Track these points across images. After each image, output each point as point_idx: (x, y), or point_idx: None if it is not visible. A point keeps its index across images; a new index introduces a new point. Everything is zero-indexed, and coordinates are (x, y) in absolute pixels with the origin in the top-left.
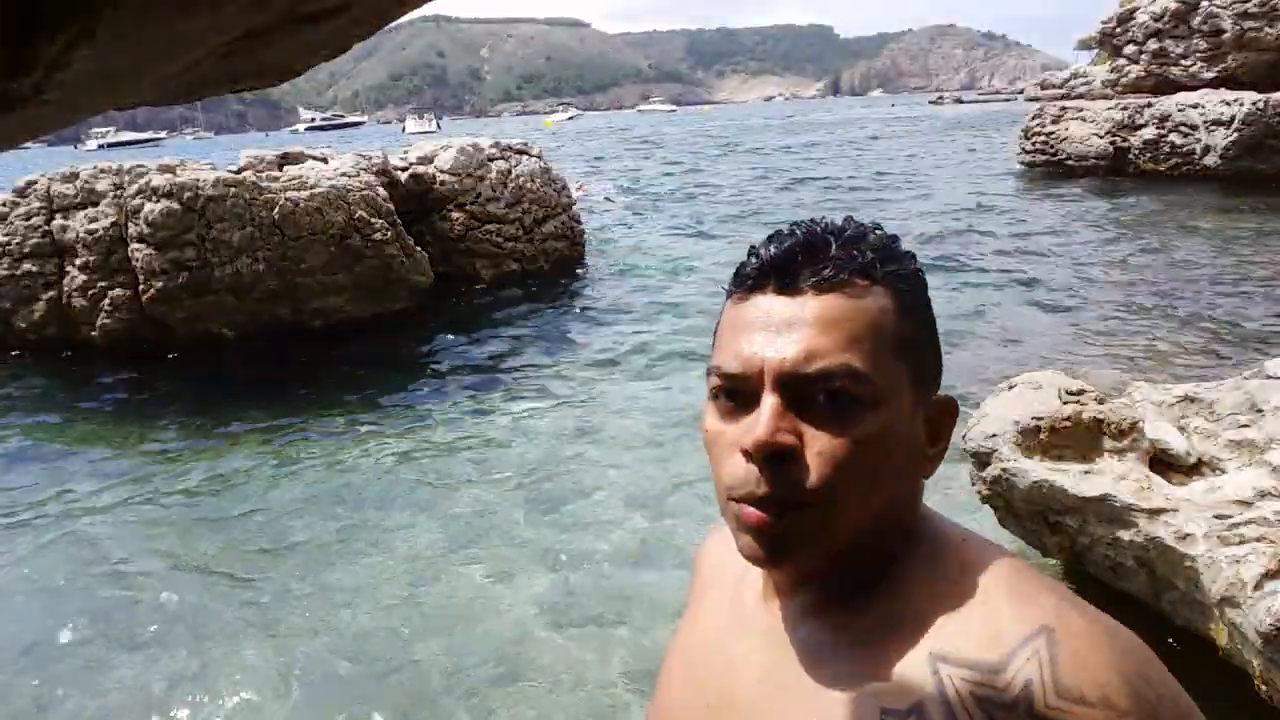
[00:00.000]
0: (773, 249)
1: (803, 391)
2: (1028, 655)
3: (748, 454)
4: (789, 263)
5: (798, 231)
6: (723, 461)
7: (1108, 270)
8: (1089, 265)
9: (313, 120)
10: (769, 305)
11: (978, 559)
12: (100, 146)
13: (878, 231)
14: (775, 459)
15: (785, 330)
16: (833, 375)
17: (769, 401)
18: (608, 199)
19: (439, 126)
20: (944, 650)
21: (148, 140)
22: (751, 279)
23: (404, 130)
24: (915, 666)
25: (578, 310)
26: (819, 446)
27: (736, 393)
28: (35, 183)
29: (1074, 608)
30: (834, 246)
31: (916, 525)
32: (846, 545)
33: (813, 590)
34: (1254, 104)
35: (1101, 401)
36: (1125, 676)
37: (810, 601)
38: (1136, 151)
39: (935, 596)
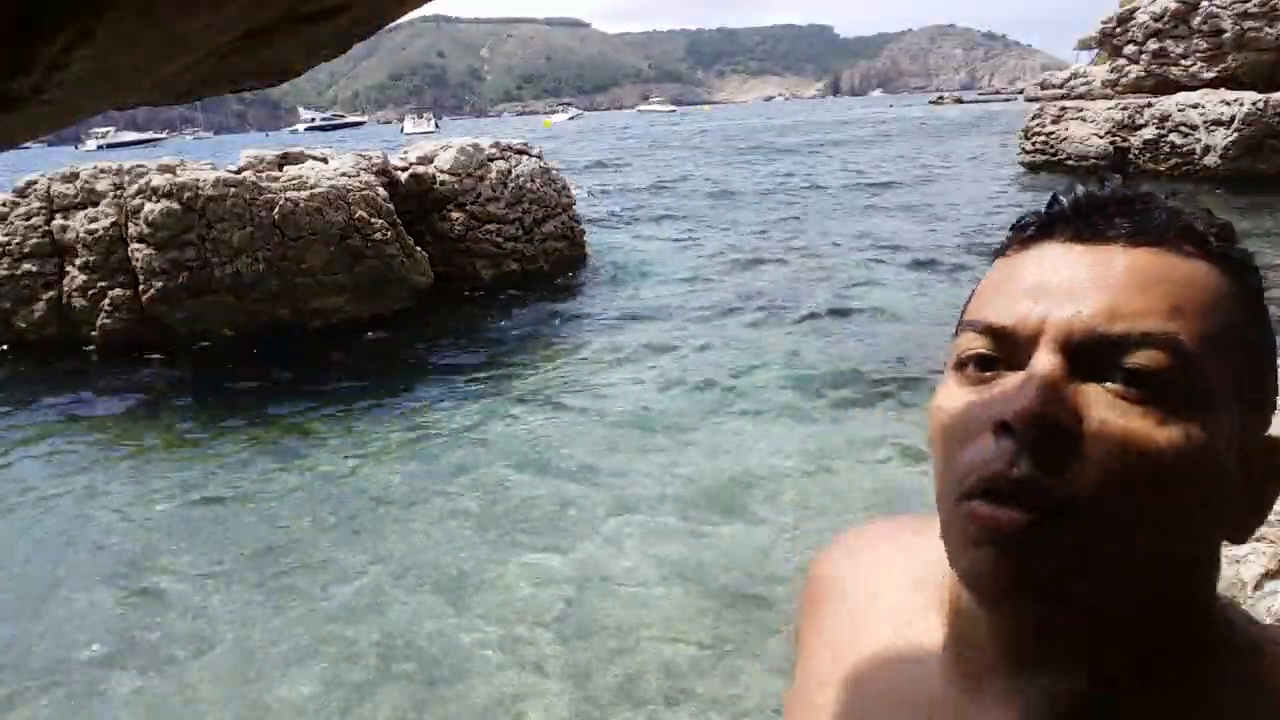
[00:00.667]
0: (1079, 191)
1: (1096, 361)
2: None
3: (1003, 428)
4: (1099, 206)
5: (1109, 186)
6: (959, 447)
7: None
8: None
9: (313, 120)
10: (1062, 252)
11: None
12: (99, 147)
13: (1212, 214)
14: (1045, 441)
15: (1083, 281)
16: (1144, 343)
17: (1043, 361)
18: (590, 192)
19: (437, 126)
20: None
21: (147, 140)
22: (1037, 226)
23: (402, 130)
24: None
25: (578, 310)
26: (1107, 435)
27: (995, 360)
28: (35, 183)
29: None
30: (1160, 203)
31: (1217, 610)
32: (1129, 600)
33: (1067, 683)
34: (1254, 104)
35: None
36: None
37: (1062, 704)
38: (1136, 151)
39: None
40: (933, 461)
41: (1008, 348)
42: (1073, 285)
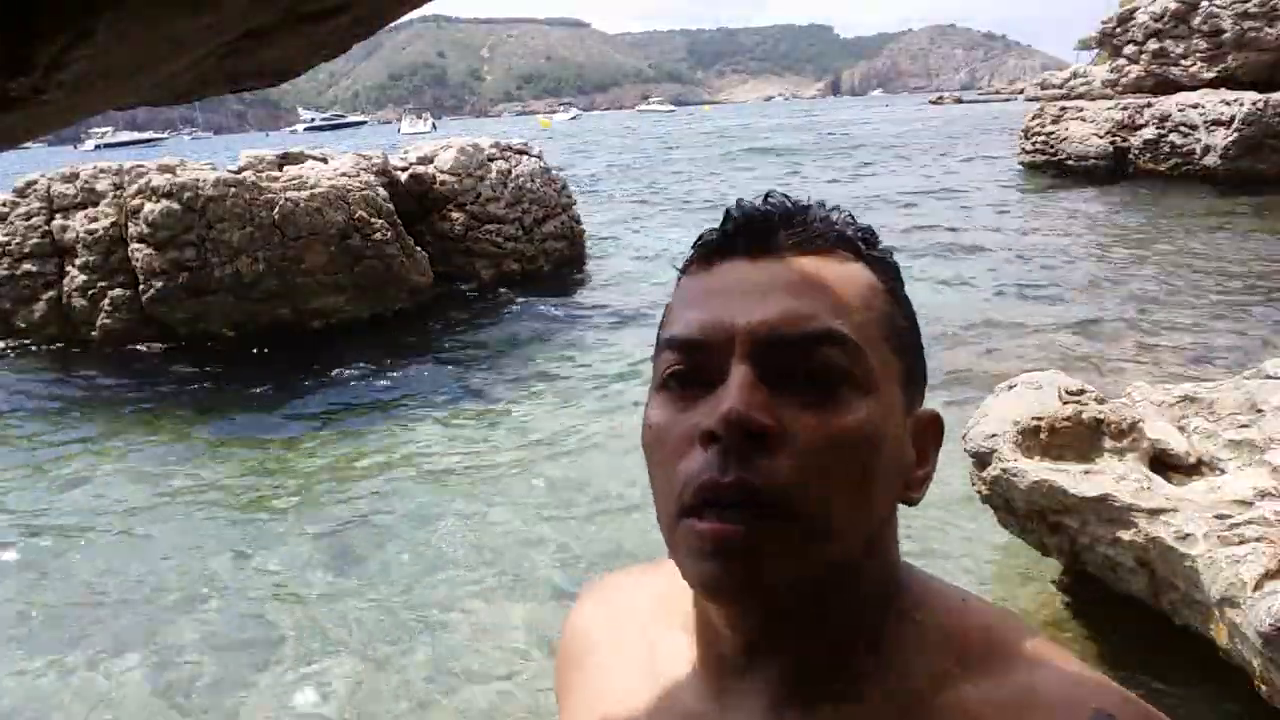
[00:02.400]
0: (746, 208)
1: (780, 364)
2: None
3: (710, 438)
4: (766, 222)
5: (772, 199)
6: (670, 464)
7: (1107, 270)
8: (1089, 265)
9: (312, 120)
10: (739, 268)
11: (964, 613)
12: (97, 147)
13: (855, 220)
14: (748, 444)
15: (762, 292)
16: (820, 340)
17: (739, 371)
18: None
19: (435, 127)
20: None
21: (146, 140)
22: (717, 243)
23: (399, 131)
24: None
25: (578, 311)
26: (801, 433)
27: (693, 374)
28: (35, 183)
29: (1121, 690)
30: (816, 214)
31: (900, 574)
32: (834, 580)
33: (783, 663)
34: (1254, 104)
35: (1101, 401)
36: None
37: (781, 682)
38: (1136, 151)
39: (932, 669)
40: (649, 479)
41: (702, 360)
42: (752, 296)
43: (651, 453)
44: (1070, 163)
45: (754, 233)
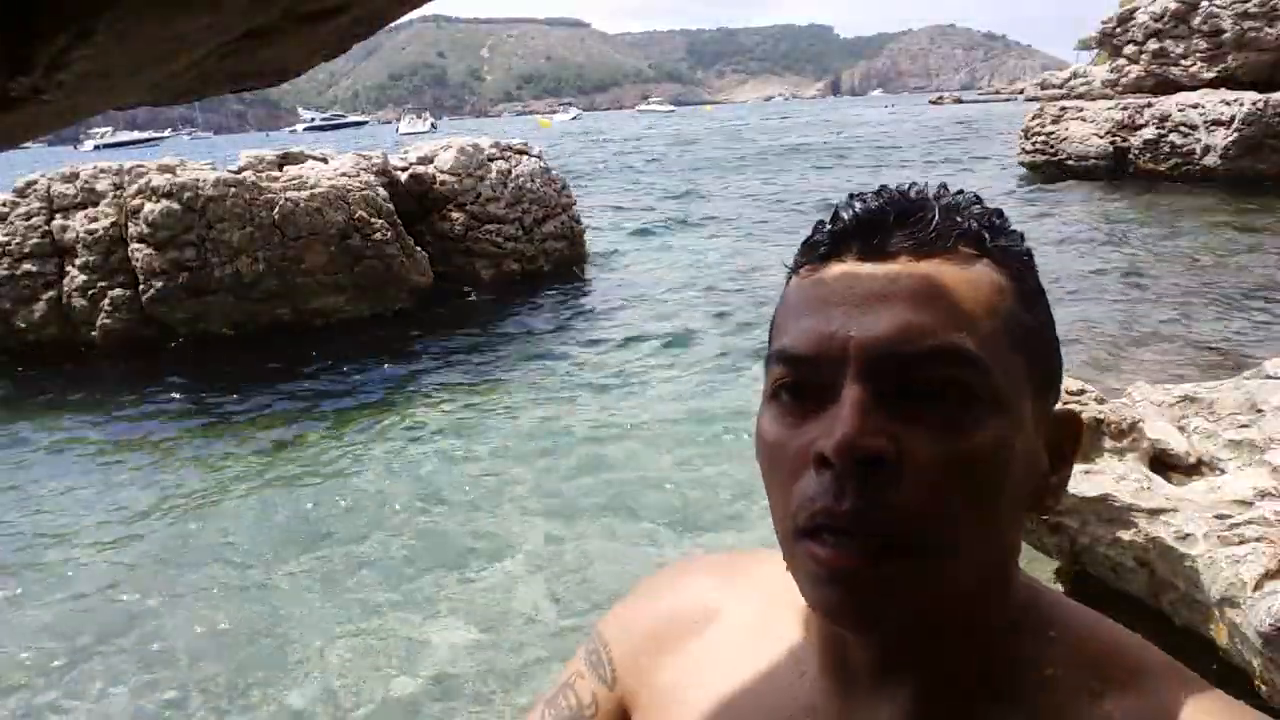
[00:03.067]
0: (857, 207)
1: (898, 382)
2: None
3: (824, 462)
4: (879, 222)
5: (885, 193)
6: (788, 482)
7: (1107, 270)
8: (1088, 265)
9: (312, 120)
10: (852, 273)
11: (1098, 631)
12: (96, 147)
13: (981, 202)
14: (864, 469)
15: (875, 302)
16: (941, 358)
17: (852, 392)
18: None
19: (433, 127)
20: None
21: (146, 140)
22: (826, 245)
23: (397, 131)
24: None
25: (578, 311)
26: (923, 457)
27: (806, 387)
28: (35, 183)
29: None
30: (934, 208)
31: (1027, 588)
32: (965, 604)
33: (916, 681)
34: (1254, 104)
35: (1101, 401)
36: None
37: (914, 699)
38: (1136, 151)
39: (1069, 680)
40: (765, 489)
41: (815, 372)
42: (866, 306)
43: (766, 467)
44: (1070, 163)
45: (866, 233)
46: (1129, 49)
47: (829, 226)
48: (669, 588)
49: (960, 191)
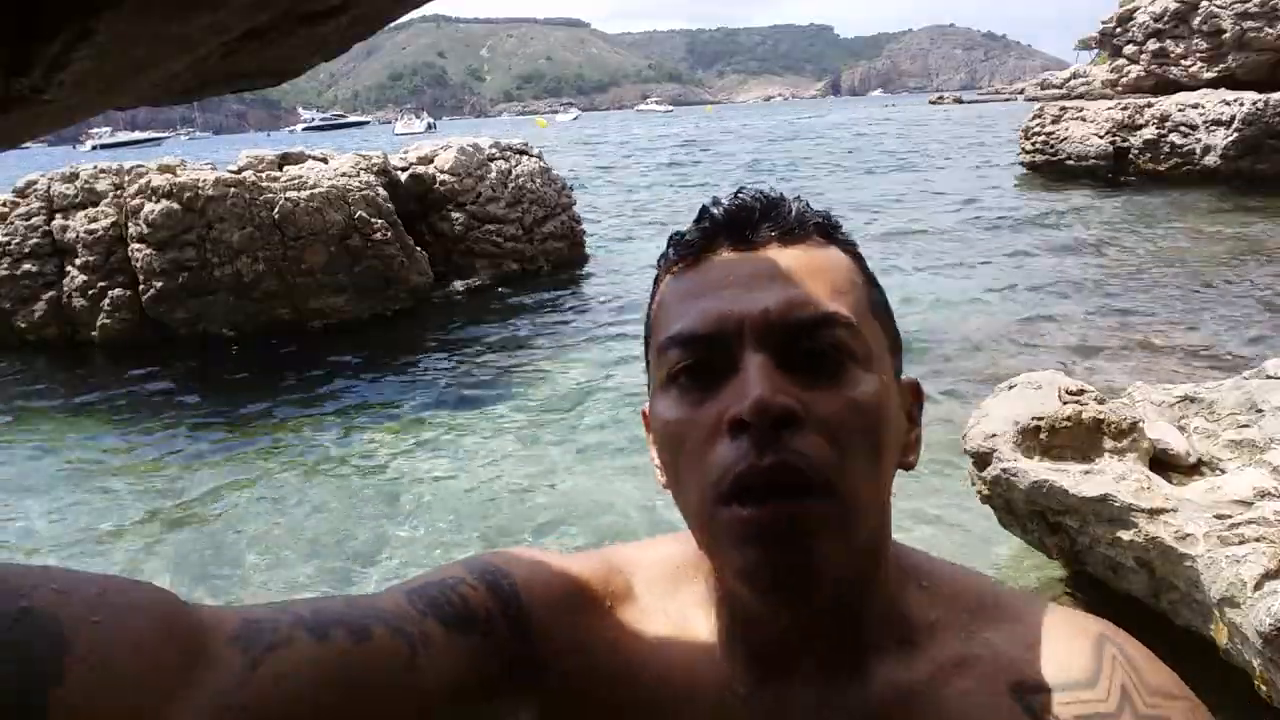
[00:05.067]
0: (725, 204)
1: (789, 349)
2: (1109, 664)
3: (737, 425)
4: (745, 218)
5: (746, 192)
6: (699, 458)
7: (1107, 270)
8: (1088, 265)
9: (312, 120)
10: (730, 260)
11: (958, 576)
12: (94, 148)
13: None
14: (778, 426)
15: (760, 281)
16: (824, 323)
17: (755, 360)
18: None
19: (431, 127)
20: (1023, 680)
21: (146, 140)
22: (699, 242)
23: (395, 131)
24: (998, 706)
25: (578, 311)
26: (822, 411)
27: (702, 368)
28: (35, 183)
29: (1088, 613)
30: (789, 204)
31: (897, 547)
32: (867, 558)
33: (829, 641)
34: (1254, 104)
35: (1101, 401)
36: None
37: (829, 655)
38: (1136, 151)
39: (950, 623)
40: (666, 471)
41: (711, 354)
42: (751, 286)
43: (671, 449)
44: (1070, 163)
45: (736, 227)
46: (1129, 49)
47: (699, 226)
48: (580, 562)
49: (798, 197)
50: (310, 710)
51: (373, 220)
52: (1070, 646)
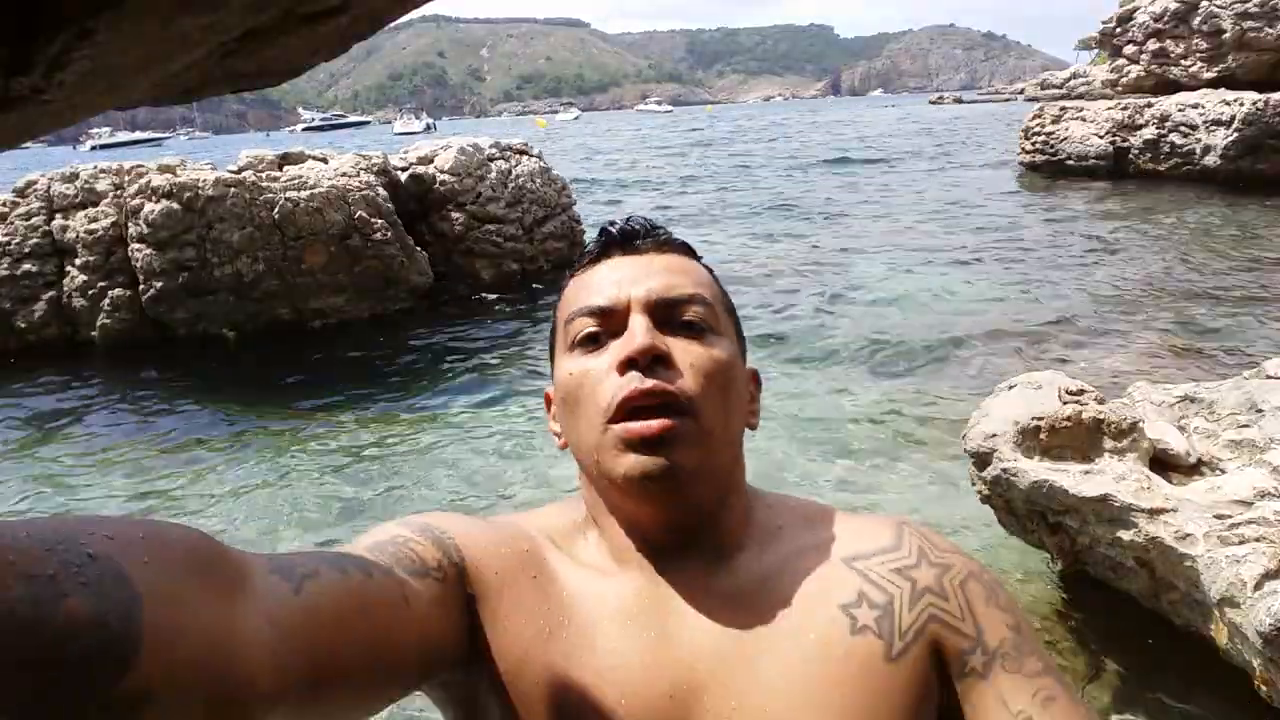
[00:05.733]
0: (618, 224)
1: (665, 317)
2: (907, 534)
3: (627, 364)
4: (633, 233)
5: (633, 218)
6: (593, 393)
7: (1107, 270)
8: (1089, 265)
9: (312, 120)
10: (622, 262)
11: (797, 500)
12: (93, 148)
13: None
14: (656, 360)
15: (646, 273)
16: (690, 300)
17: (639, 320)
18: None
19: (430, 127)
20: (851, 553)
21: (145, 140)
22: (597, 250)
23: (393, 131)
24: (837, 572)
25: None
26: (686, 356)
27: (600, 334)
28: (35, 183)
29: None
30: (664, 228)
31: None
32: (724, 479)
33: (703, 537)
34: (1254, 104)
35: (1101, 401)
36: None
37: (704, 549)
38: (1136, 151)
39: (792, 526)
40: (564, 420)
41: (607, 318)
42: (638, 276)
43: (572, 395)
44: (1070, 163)
45: (626, 239)
46: (1129, 49)
47: (598, 239)
48: (495, 522)
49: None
50: (342, 634)
51: (373, 220)
52: (879, 529)
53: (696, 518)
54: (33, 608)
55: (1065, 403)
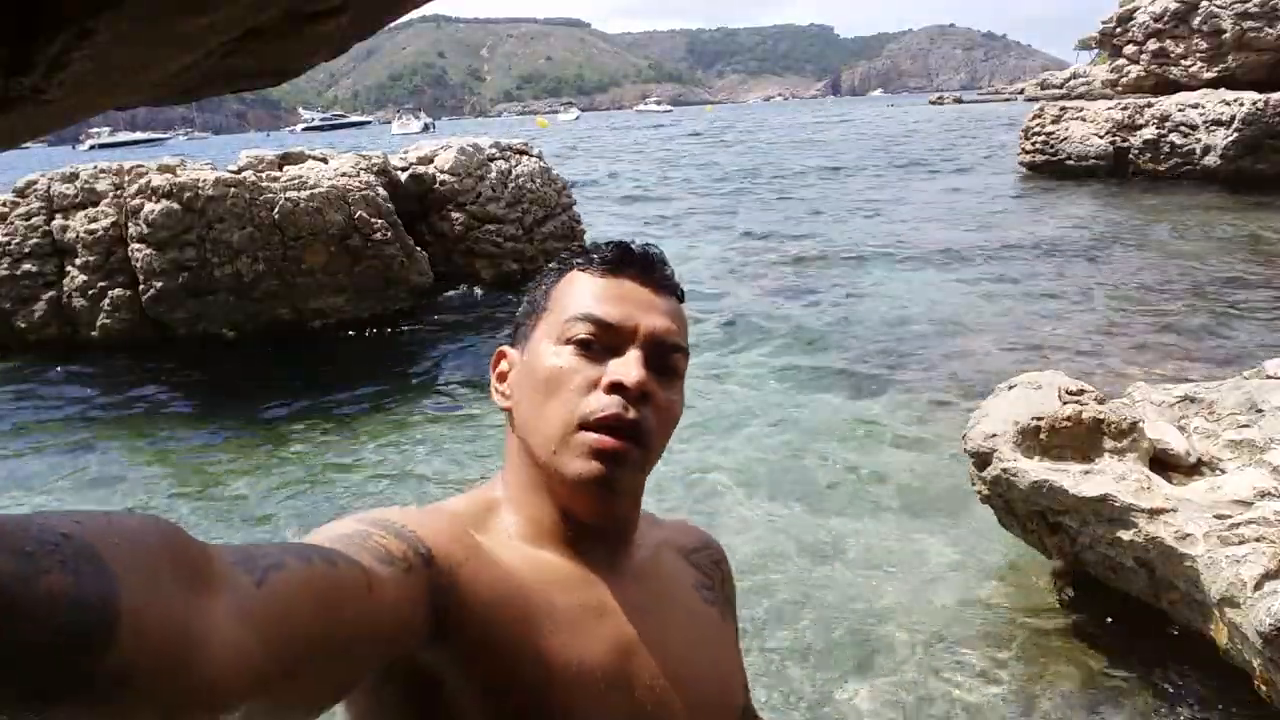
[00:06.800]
0: (637, 246)
1: (656, 356)
2: (710, 540)
3: (617, 388)
4: (649, 262)
5: (648, 245)
6: (576, 396)
7: (1107, 270)
8: (1089, 265)
9: (312, 120)
10: (636, 287)
11: (672, 518)
12: (92, 147)
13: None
14: (641, 397)
15: (653, 308)
16: (679, 350)
17: (638, 354)
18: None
19: (428, 127)
20: (686, 548)
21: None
22: (614, 261)
23: (391, 131)
24: (681, 562)
25: None
26: (659, 401)
27: (597, 344)
28: (35, 183)
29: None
30: (670, 266)
31: None
32: (641, 488)
33: (614, 529)
34: (1254, 104)
35: (1101, 401)
36: None
37: (613, 539)
38: (1136, 151)
39: (641, 520)
40: (526, 395)
41: (611, 335)
42: (649, 309)
43: (553, 383)
44: (1070, 163)
45: (643, 264)
46: (1129, 49)
47: (616, 250)
48: (436, 513)
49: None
50: (304, 626)
51: (373, 220)
52: (692, 530)
53: (616, 515)
54: (13, 582)
55: (1065, 403)
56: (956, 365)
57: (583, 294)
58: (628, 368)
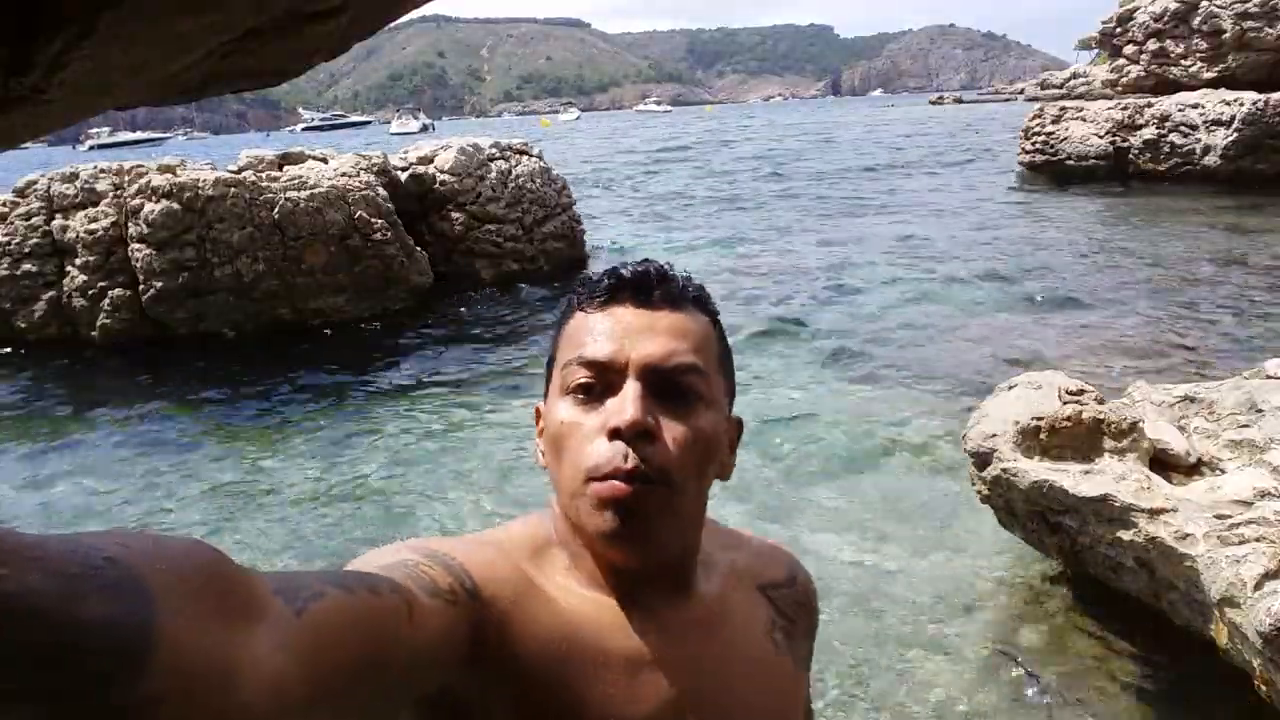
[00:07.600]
0: (629, 269)
1: (659, 383)
2: (800, 574)
3: (614, 433)
4: (645, 283)
5: (646, 263)
6: (580, 448)
7: (1107, 270)
8: (1089, 265)
9: (312, 120)
10: (629, 314)
11: (719, 527)
12: (92, 148)
13: (691, 277)
14: (640, 436)
15: (646, 333)
16: (686, 370)
17: (634, 387)
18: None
19: (427, 127)
20: (764, 581)
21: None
22: (608, 293)
23: (389, 131)
24: (755, 598)
25: None
26: (671, 432)
27: (594, 385)
28: (35, 183)
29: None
30: (679, 278)
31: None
32: (690, 532)
33: (667, 572)
34: (1254, 104)
35: (1101, 401)
36: None
37: (666, 582)
38: (1136, 151)
39: (716, 551)
40: (549, 455)
41: (604, 374)
42: (642, 335)
43: (561, 442)
44: (1070, 163)
45: (638, 287)
46: (1129, 49)
47: (609, 281)
48: (480, 546)
49: (686, 275)
50: (343, 657)
51: (373, 220)
52: (777, 560)
53: (661, 562)
54: (56, 603)
55: (1065, 403)
56: (956, 365)
57: (577, 335)
58: (623, 407)
